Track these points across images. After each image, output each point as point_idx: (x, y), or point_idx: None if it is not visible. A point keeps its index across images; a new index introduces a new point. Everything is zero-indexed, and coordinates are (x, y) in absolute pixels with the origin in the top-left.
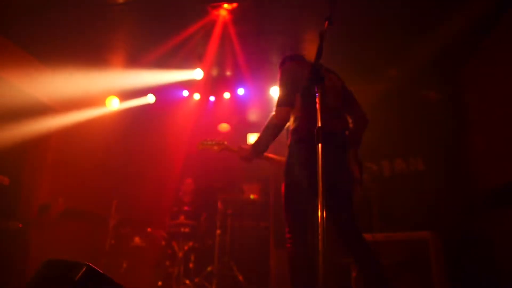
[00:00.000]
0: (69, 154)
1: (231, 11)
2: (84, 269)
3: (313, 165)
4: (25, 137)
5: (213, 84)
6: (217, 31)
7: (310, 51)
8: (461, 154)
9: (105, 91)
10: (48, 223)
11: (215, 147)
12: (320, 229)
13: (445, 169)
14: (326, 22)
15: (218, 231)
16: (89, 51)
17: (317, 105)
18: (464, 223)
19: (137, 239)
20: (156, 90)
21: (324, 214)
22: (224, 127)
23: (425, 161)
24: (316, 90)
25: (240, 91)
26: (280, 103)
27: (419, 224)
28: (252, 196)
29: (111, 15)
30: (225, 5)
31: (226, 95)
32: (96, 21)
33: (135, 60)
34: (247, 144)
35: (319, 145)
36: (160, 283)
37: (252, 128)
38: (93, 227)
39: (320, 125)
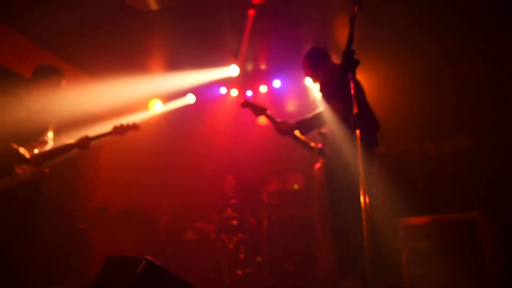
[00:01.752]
0: (120, 158)
1: (260, 5)
2: (144, 262)
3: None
4: None
5: (249, 79)
6: (248, 25)
7: (342, 36)
8: None
9: (147, 95)
10: (106, 223)
11: (256, 112)
12: (363, 215)
13: (496, 145)
14: (356, 7)
15: (265, 222)
16: (129, 58)
17: (352, 91)
18: None
19: (188, 234)
20: (195, 90)
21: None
22: (263, 120)
23: (472, 138)
24: (350, 76)
25: (276, 83)
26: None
27: (468, 205)
28: (296, 186)
29: (147, 22)
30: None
31: (263, 88)
32: (133, 29)
33: (173, 63)
34: (287, 121)
35: (357, 131)
36: (212, 275)
37: (290, 119)
38: (147, 225)
39: (356, 111)
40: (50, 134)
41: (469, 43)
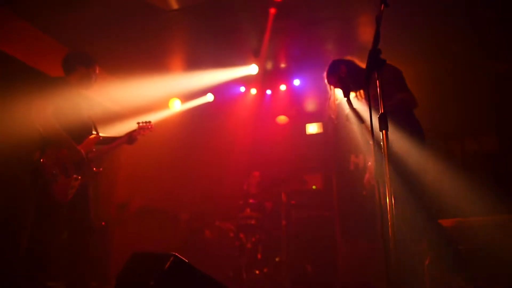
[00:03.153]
0: (140, 156)
1: (281, 3)
2: (172, 258)
3: None
4: None
5: (269, 78)
6: (269, 24)
7: (365, 34)
8: None
9: (167, 94)
10: (126, 220)
11: (345, 91)
12: (389, 216)
13: None
14: (382, 5)
15: (284, 222)
16: (150, 57)
17: (378, 90)
18: None
19: (207, 232)
20: (215, 88)
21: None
22: (282, 119)
23: (501, 139)
24: (376, 76)
25: (296, 82)
26: None
27: (495, 208)
28: (314, 187)
29: (168, 21)
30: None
31: (282, 87)
32: (154, 29)
33: (193, 62)
34: None
35: (383, 131)
36: (231, 273)
37: (310, 118)
38: (166, 223)
39: (382, 111)
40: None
41: (494, 40)
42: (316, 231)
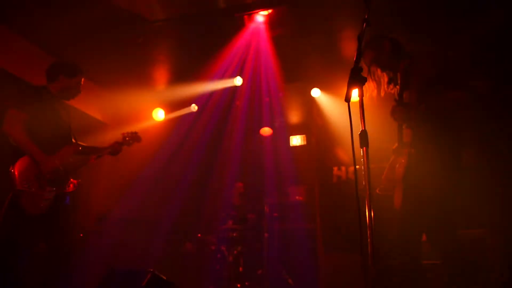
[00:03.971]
0: (122, 165)
1: (267, 17)
2: (149, 276)
3: None
4: None
5: (253, 90)
6: (255, 37)
7: (348, 49)
8: None
9: (151, 104)
10: (105, 231)
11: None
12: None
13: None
14: (364, 24)
15: (266, 234)
16: (134, 67)
17: (359, 108)
18: None
19: (188, 245)
20: (199, 99)
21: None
22: (266, 131)
23: (478, 154)
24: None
25: (280, 94)
26: None
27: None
28: (299, 198)
29: (153, 32)
30: (261, 12)
31: (266, 99)
32: (140, 38)
33: (177, 72)
34: None
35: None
36: (212, 287)
37: (294, 130)
38: (147, 235)
39: (363, 128)
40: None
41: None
42: (298, 244)
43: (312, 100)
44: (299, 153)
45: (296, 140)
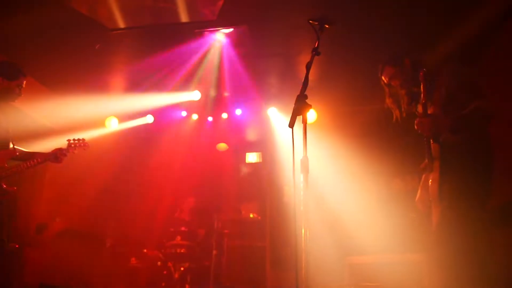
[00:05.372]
0: (68, 174)
1: (227, 35)
2: None
3: None
4: None
5: (211, 105)
6: (215, 53)
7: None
8: None
9: (105, 112)
10: (45, 242)
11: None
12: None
13: None
14: (313, 53)
15: (215, 252)
16: (90, 75)
17: (303, 135)
18: None
19: (133, 260)
20: (155, 111)
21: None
22: (222, 146)
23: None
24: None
25: (238, 112)
26: None
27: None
28: (251, 215)
29: (112, 40)
30: (222, 30)
31: (224, 115)
32: (97, 45)
33: (135, 82)
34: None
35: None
36: None
37: (250, 147)
38: (90, 247)
39: (305, 154)
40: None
41: None
42: (247, 261)
43: (269, 119)
44: (254, 170)
45: (252, 157)
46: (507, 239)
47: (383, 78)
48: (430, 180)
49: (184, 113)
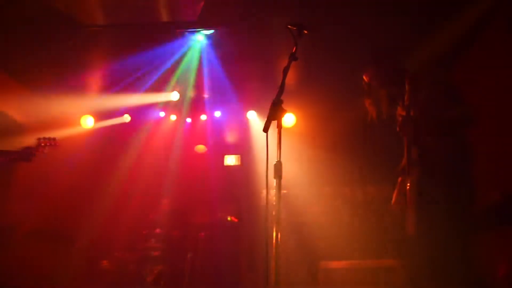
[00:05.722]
0: (40, 172)
1: (208, 36)
2: None
3: None
4: None
5: (190, 106)
6: (195, 54)
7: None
8: None
9: (80, 111)
10: (14, 243)
11: None
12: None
13: None
14: (290, 58)
15: (189, 255)
16: (65, 71)
17: (278, 140)
18: None
19: (104, 262)
20: (132, 110)
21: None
22: (200, 148)
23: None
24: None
25: (217, 113)
26: None
27: (389, 252)
28: (229, 218)
29: (89, 37)
30: (203, 31)
31: (203, 117)
32: (72, 41)
33: (112, 81)
34: None
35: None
36: None
37: (229, 150)
38: (60, 250)
39: (279, 159)
40: None
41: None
42: (222, 265)
43: (248, 122)
44: (232, 173)
45: (231, 160)
46: (486, 245)
47: (364, 77)
48: (408, 184)
49: (162, 114)
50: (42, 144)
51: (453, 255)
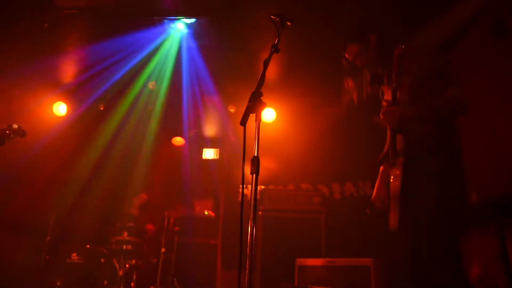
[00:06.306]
0: (9, 160)
1: (189, 25)
2: None
3: None
4: None
5: (166, 96)
6: (175, 43)
7: (268, 70)
8: None
9: (52, 97)
10: None
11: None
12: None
13: None
14: (272, 50)
15: (163, 249)
16: (37, 55)
17: (255, 134)
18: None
19: (74, 255)
20: (109, 98)
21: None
22: (178, 140)
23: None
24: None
25: (196, 105)
26: None
27: (365, 249)
28: (206, 212)
29: (63, 20)
30: (183, 20)
31: (181, 108)
32: (46, 24)
33: (87, 67)
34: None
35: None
36: None
37: (207, 143)
38: (29, 241)
39: (256, 154)
40: None
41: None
42: (197, 259)
43: (229, 116)
44: (210, 167)
45: (209, 153)
46: (478, 241)
47: (346, 55)
48: (392, 177)
49: (138, 103)
50: (7, 132)
51: (436, 252)
